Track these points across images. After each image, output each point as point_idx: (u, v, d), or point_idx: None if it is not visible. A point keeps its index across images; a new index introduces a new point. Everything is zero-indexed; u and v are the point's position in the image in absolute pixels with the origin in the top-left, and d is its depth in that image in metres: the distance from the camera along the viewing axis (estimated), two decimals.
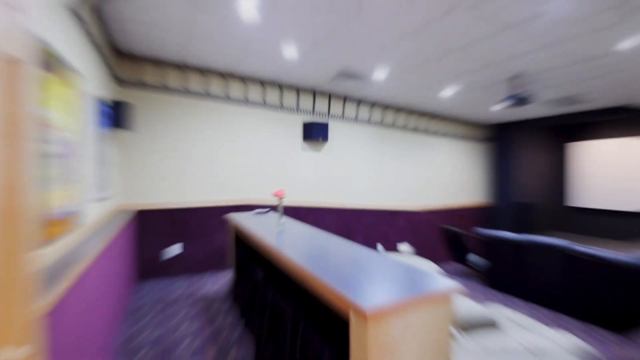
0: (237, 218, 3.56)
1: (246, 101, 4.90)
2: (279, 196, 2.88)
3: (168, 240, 4.40)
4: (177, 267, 4.46)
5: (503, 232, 4.55)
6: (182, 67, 4.41)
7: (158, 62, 4.26)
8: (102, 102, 3.09)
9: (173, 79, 4.38)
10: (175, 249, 4.44)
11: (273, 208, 4.96)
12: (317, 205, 5.54)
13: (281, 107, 5.21)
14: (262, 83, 5.01)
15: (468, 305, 2.19)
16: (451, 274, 6.10)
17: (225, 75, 4.71)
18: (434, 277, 1.60)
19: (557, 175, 8.62)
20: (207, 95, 4.60)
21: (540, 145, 8.32)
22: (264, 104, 5.05)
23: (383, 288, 1.43)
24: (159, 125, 4.32)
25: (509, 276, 4.52)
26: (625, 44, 3.37)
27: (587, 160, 7.82)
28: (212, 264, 4.70)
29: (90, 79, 2.65)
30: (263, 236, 2.66)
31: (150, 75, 4.23)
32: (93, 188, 2.70)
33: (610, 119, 7.24)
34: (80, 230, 2.26)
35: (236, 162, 4.86)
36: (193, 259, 4.57)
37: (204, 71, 4.55)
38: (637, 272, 3.17)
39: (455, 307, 2.17)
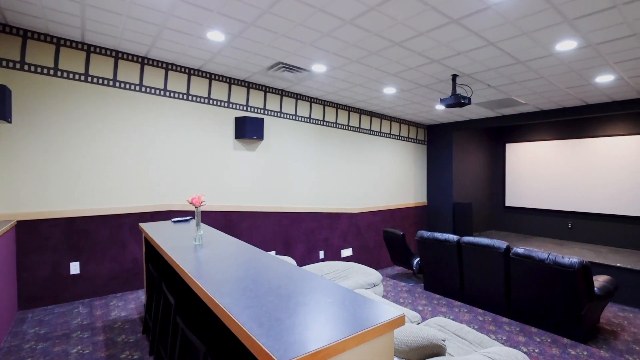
0: (148, 228, 2.96)
1: (166, 91, 4.25)
2: (196, 204, 2.38)
3: (65, 256, 3.61)
4: (76, 288, 3.68)
5: (444, 234, 4.48)
6: (81, 46, 3.65)
7: (47, 37, 3.46)
8: None
9: (69, 59, 3.59)
10: (74, 266, 3.66)
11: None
12: (251, 209, 5.05)
13: (209, 99, 4.62)
14: (185, 70, 4.39)
15: (410, 330, 1.91)
16: (394, 277, 6.01)
17: (138, 59, 4.01)
18: (373, 304, 1.34)
19: (495, 176, 9.06)
20: (115, 82, 3.87)
21: (479, 147, 8.67)
22: (188, 95, 4.43)
23: (311, 325, 1.15)
24: (50, 115, 3.51)
25: (450, 279, 4.46)
26: (561, 47, 3.40)
27: (522, 161, 8.32)
28: (122, 283, 3.98)
29: None
30: (174, 253, 2.15)
31: (36, 53, 3.40)
32: None
33: (544, 122, 7.74)
34: None
35: (155, 161, 4.18)
36: (98, 277, 3.81)
37: (109, 52, 3.82)
38: (570, 273, 3.20)
39: (397, 335, 1.89)
